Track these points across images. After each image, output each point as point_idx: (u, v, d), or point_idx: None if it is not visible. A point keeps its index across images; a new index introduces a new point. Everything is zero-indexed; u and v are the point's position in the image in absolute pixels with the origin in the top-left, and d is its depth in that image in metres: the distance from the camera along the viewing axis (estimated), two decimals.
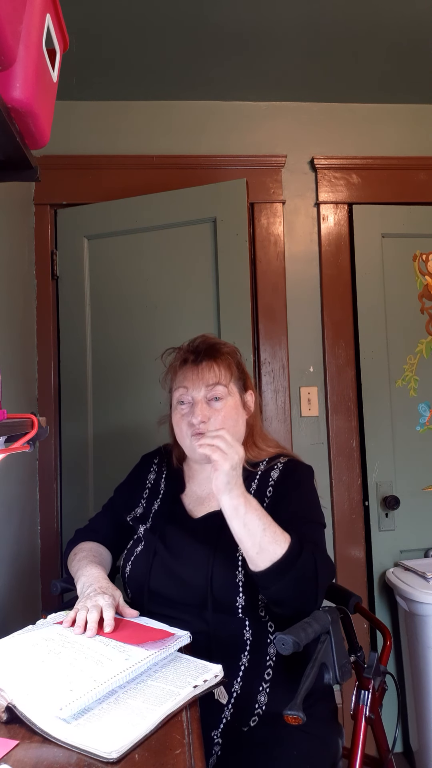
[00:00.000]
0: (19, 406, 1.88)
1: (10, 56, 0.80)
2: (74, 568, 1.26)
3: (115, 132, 2.22)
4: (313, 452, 2.17)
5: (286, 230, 2.24)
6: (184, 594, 1.15)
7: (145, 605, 1.19)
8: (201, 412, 1.22)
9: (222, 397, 1.24)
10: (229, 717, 1.07)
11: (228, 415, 1.24)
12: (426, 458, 2.22)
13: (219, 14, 1.79)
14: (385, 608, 2.13)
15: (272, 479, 1.26)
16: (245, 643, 1.11)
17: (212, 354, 1.28)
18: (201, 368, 1.25)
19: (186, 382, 1.25)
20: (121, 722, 0.78)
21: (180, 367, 1.29)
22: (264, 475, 1.27)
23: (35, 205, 2.17)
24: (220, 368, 1.26)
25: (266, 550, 1.04)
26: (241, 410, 1.29)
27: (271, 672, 1.11)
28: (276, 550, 1.04)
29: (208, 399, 1.24)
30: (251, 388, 1.35)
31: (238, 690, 1.08)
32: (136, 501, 1.37)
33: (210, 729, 1.05)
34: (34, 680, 0.86)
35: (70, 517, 2.09)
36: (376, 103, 2.30)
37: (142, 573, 1.21)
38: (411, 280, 2.27)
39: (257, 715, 1.08)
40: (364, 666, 1.22)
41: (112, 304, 2.15)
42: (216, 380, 1.24)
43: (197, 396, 1.24)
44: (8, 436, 0.87)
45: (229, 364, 1.28)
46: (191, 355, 1.29)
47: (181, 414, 1.26)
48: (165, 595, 1.18)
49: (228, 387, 1.26)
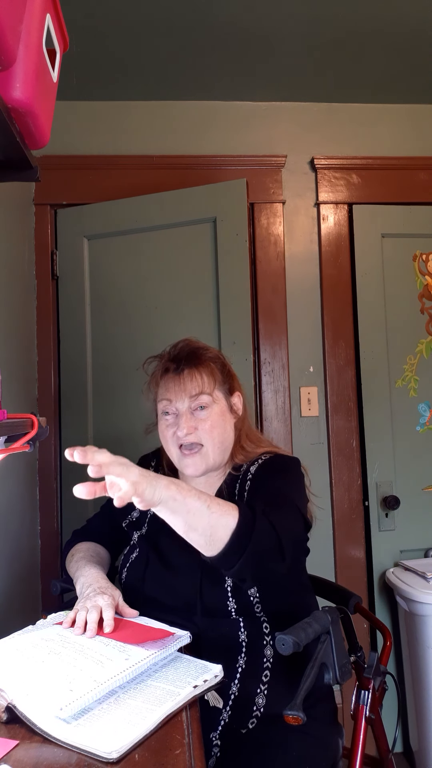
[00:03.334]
0: (19, 406, 1.88)
1: (10, 56, 0.80)
2: (73, 568, 1.25)
3: (115, 132, 2.22)
4: (313, 452, 2.17)
5: (286, 230, 2.24)
6: (175, 601, 1.15)
7: (141, 609, 1.18)
8: (186, 424, 1.19)
9: (207, 406, 1.21)
10: (228, 719, 1.06)
11: (215, 423, 1.21)
12: (426, 458, 2.22)
13: (219, 14, 1.79)
14: (385, 608, 2.13)
15: (250, 473, 1.22)
16: (241, 645, 1.11)
17: (194, 362, 1.24)
18: (183, 378, 1.21)
19: (169, 394, 1.22)
20: (121, 722, 0.78)
21: (162, 377, 1.25)
22: (245, 474, 1.24)
23: (35, 205, 2.17)
24: (203, 376, 1.22)
25: (217, 528, 0.94)
26: (228, 415, 1.26)
27: (269, 674, 1.11)
28: (228, 522, 0.95)
29: (193, 409, 1.21)
30: (238, 390, 1.31)
31: (236, 692, 1.08)
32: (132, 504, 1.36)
33: (208, 731, 1.04)
34: (34, 680, 0.86)
35: (70, 517, 2.09)
36: (376, 103, 2.30)
37: (136, 580, 1.22)
38: (411, 280, 2.27)
39: (255, 717, 1.07)
40: (364, 666, 1.22)
41: (112, 304, 2.15)
42: (199, 390, 1.20)
43: (181, 408, 1.21)
44: (8, 436, 0.87)
45: (211, 370, 1.24)
46: (172, 364, 1.25)
47: (166, 425, 1.23)
48: (159, 600, 1.17)
49: (212, 395, 1.22)
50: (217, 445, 1.21)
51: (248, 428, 1.33)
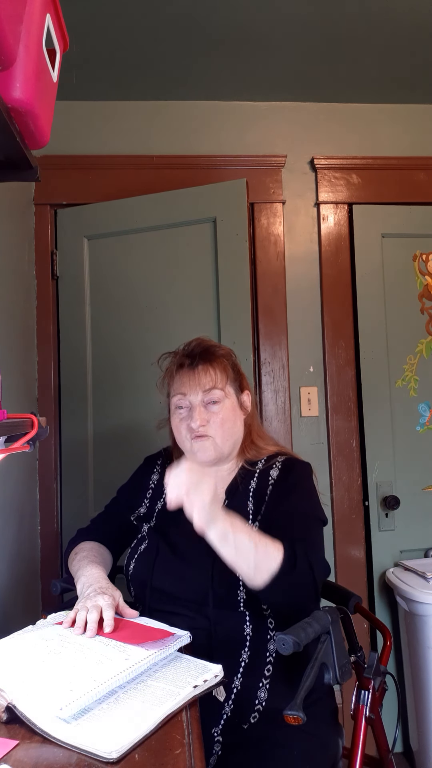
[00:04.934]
0: (19, 406, 1.88)
1: (10, 56, 0.80)
2: (74, 567, 1.26)
3: (115, 132, 2.22)
4: (313, 452, 2.16)
5: (286, 230, 2.24)
6: (186, 590, 1.16)
7: (148, 602, 1.20)
8: (199, 417, 1.24)
9: (219, 401, 1.27)
10: (230, 713, 1.07)
11: (226, 417, 1.27)
12: (426, 458, 2.22)
13: (219, 14, 1.79)
14: (385, 608, 2.13)
15: (272, 478, 1.27)
16: (245, 638, 1.12)
17: (208, 357, 1.30)
18: (197, 372, 1.27)
19: (183, 388, 1.27)
20: (121, 722, 0.78)
21: (176, 371, 1.31)
22: (263, 473, 1.29)
23: (35, 205, 2.17)
24: (216, 372, 1.28)
25: (261, 567, 1.04)
26: (239, 411, 1.32)
27: (271, 668, 1.12)
28: (271, 565, 1.04)
29: (206, 403, 1.26)
30: (247, 388, 1.37)
31: (239, 686, 1.09)
32: (139, 501, 1.38)
33: (210, 726, 1.05)
34: (34, 680, 0.86)
35: (70, 517, 2.09)
36: (376, 103, 2.30)
37: (145, 571, 1.23)
38: (411, 280, 2.27)
39: (257, 711, 1.08)
40: (364, 666, 1.22)
41: (112, 304, 2.15)
42: (212, 384, 1.26)
43: (195, 401, 1.26)
44: (8, 436, 0.87)
45: (224, 366, 1.30)
46: (187, 360, 1.30)
47: (180, 418, 1.29)
48: (167, 591, 1.19)
49: (224, 390, 1.28)
50: (227, 438, 1.27)
51: (258, 426, 1.40)
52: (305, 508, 1.22)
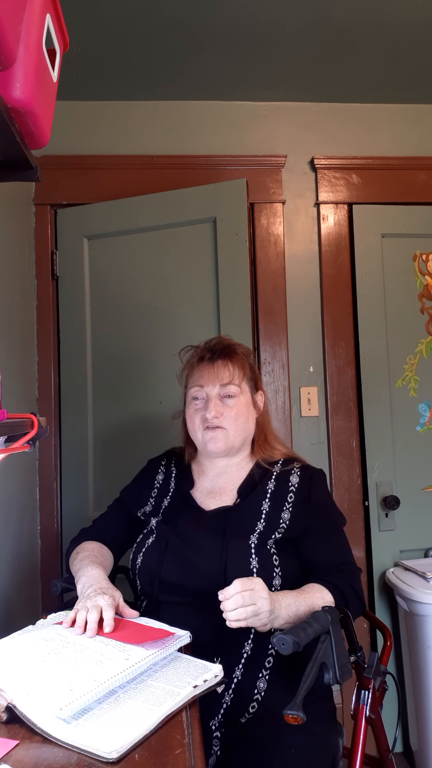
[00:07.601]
0: (19, 406, 1.88)
1: (10, 56, 0.80)
2: (75, 567, 1.27)
3: (115, 132, 2.22)
4: (313, 452, 2.16)
5: (286, 230, 2.24)
6: (196, 581, 1.17)
7: (156, 594, 1.21)
8: (214, 408, 1.29)
9: (234, 395, 1.31)
10: (229, 702, 1.09)
11: (239, 412, 1.31)
12: (426, 458, 2.21)
13: (219, 14, 1.79)
14: (385, 608, 2.13)
15: (292, 485, 1.30)
16: (249, 631, 1.13)
17: (227, 354, 1.35)
18: (216, 366, 1.32)
19: (201, 380, 1.32)
20: (121, 722, 0.78)
21: (197, 364, 1.36)
22: (281, 477, 1.31)
23: (35, 205, 2.17)
24: (234, 368, 1.33)
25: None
26: (252, 409, 1.36)
27: (272, 660, 1.14)
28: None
29: (222, 396, 1.31)
30: (261, 389, 1.41)
31: (239, 676, 1.11)
32: (144, 500, 1.39)
33: (208, 719, 1.06)
34: (34, 680, 0.86)
35: (70, 517, 2.09)
36: (376, 103, 2.30)
37: (154, 563, 1.23)
38: (411, 280, 2.27)
39: (256, 701, 1.09)
40: (364, 666, 1.22)
41: (112, 304, 2.14)
42: (230, 379, 1.31)
43: (211, 393, 1.31)
44: (8, 436, 0.87)
45: (242, 364, 1.35)
46: (207, 353, 1.36)
47: (195, 409, 1.33)
48: (176, 583, 1.19)
49: (240, 386, 1.33)
50: (239, 432, 1.32)
51: (270, 426, 1.45)
52: (334, 527, 1.30)
